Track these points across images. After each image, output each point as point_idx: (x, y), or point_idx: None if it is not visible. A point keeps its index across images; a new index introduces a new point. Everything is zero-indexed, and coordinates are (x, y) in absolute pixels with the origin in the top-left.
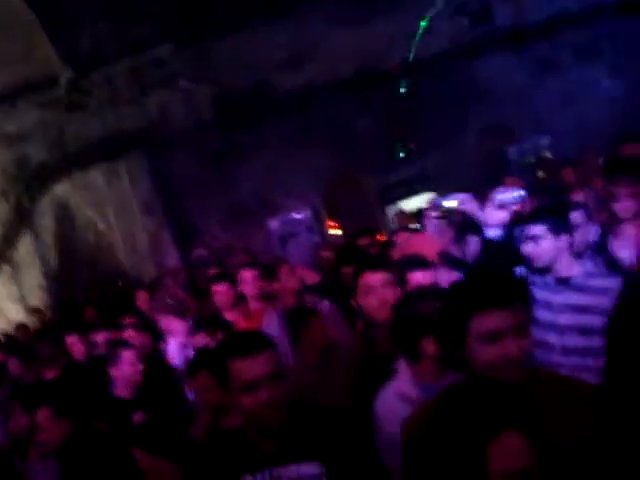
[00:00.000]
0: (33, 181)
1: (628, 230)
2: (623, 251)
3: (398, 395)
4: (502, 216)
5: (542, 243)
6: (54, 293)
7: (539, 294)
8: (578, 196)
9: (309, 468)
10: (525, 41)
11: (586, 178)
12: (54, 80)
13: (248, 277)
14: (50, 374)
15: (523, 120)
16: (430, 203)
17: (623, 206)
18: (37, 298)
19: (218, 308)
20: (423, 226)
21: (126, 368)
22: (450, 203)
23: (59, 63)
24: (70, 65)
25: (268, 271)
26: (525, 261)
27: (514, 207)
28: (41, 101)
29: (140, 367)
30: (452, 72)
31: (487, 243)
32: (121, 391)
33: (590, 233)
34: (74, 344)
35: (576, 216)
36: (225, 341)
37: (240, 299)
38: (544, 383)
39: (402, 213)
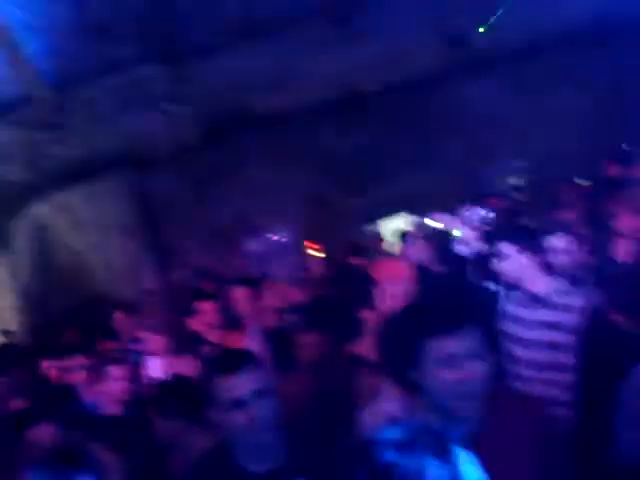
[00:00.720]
0: (10, 202)
1: (625, 245)
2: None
3: (384, 414)
4: (471, 234)
5: (509, 260)
6: (31, 316)
7: (509, 309)
8: (570, 214)
9: None
10: (502, 64)
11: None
12: (31, 99)
13: (242, 295)
14: (17, 404)
15: (501, 142)
16: (413, 223)
17: (621, 222)
18: (12, 320)
19: (201, 328)
20: (405, 246)
21: (114, 385)
22: (431, 223)
23: (37, 82)
24: (48, 84)
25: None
26: (496, 277)
27: (482, 226)
28: (18, 121)
29: (127, 384)
30: (431, 95)
31: (458, 260)
32: (110, 409)
33: (574, 252)
34: (50, 369)
35: (558, 237)
36: (211, 359)
37: (229, 318)
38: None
39: (378, 235)
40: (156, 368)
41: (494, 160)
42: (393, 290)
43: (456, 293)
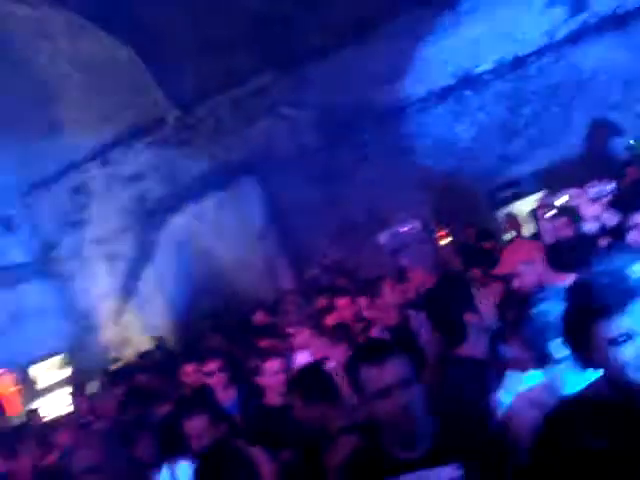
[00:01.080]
0: (151, 216)
1: None
2: None
3: (530, 400)
4: (597, 209)
5: None
6: (177, 322)
7: None
8: None
9: (449, 471)
10: (626, 25)
11: None
12: (163, 120)
13: (364, 301)
14: (164, 409)
15: (632, 108)
16: (542, 201)
17: None
18: (162, 327)
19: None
20: (537, 225)
21: (269, 379)
22: (563, 200)
23: (166, 104)
24: (176, 104)
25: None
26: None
27: (614, 198)
28: (153, 141)
29: (284, 377)
30: (553, 66)
31: (591, 236)
32: (269, 401)
33: None
34: (190, 373)
35: None
36: (356, 350)
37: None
38: None
39: (511, 216)
40: (305, 360)
41: (624, 129)
42: (527, 271)
43: (613, 270)
